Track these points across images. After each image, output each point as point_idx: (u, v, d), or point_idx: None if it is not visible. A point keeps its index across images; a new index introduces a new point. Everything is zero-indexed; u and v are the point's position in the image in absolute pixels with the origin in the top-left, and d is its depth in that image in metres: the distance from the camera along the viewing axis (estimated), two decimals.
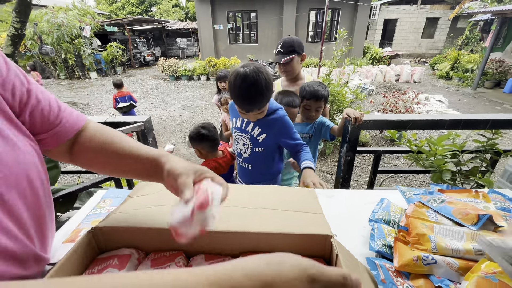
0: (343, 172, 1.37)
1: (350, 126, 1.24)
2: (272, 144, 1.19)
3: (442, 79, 9.98)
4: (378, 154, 1.39)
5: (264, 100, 1.03)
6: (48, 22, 9.76)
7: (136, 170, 0.57)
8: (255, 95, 0.99)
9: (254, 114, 1.07)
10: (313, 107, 1.46)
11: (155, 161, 0.53)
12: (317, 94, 1.41)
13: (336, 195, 0.89)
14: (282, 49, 1.62)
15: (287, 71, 1.69)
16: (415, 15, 16.03)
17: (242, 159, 1.29)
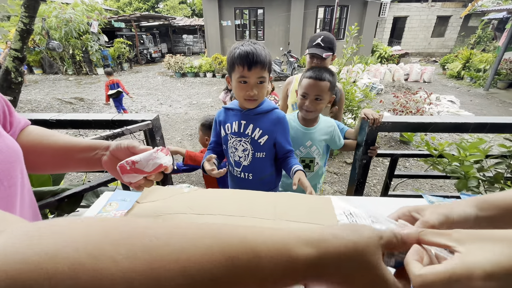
0: (358, 176, 1.31)
1: (367, 127, 1.18)
2: (272, 147, 1.12)
3: (453, 78, 9.74)
4: (395, 157, 1.32)
5: (267, 60, 0.97)
6: (57, 18, 9.81)
7: (74, 160, 0.59)
8: (259, 50, 0.95)
9: (256, 78, 0.97)
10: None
11: (96, 147, 0.59)
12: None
13: (354, 202, 0.83)
14: (322, 43, 1.54)
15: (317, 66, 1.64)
16: (426, 13, 15.67)
17: (241, 168, 1.15)
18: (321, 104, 1.20)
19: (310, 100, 1.19)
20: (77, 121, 1.22)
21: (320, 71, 1.17)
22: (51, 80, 9.79)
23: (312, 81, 1.17)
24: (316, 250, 0.27)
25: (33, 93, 7.50)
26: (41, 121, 1.22)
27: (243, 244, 0.24)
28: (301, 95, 1.23)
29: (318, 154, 1.31)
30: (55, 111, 5.87)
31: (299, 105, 1.25)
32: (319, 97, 1.18)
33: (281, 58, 10.47)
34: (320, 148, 1.31)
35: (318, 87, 1.17)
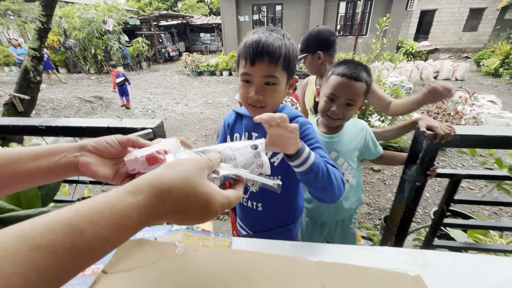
0: (407, 201, 1.03)
1: (426, 141, 0.90)
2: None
3: (489, 76, 8.89)
4: (458, 178, 1.03)
5: (282, 53, 0.67)
6: (80, 18, 10.09)
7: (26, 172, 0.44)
8: (271, 39, 0.67)
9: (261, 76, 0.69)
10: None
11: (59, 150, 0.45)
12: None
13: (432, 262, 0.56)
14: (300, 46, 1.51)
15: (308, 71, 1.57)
16: (457, 5, 14.55)
17: (248, 195, 0.88)
18: (351, 110, 0.94)
19: (339, 105, 0.92)
20: (69, 128, 1.05)
21: (357, 67, 0.90)
22: (74, 79, 10.10)
23: (344, 80, 0.90)
24: (142, 196, 0.29)
25: (56, 92, 7.72)
26: (30, 127, 1.06)
27: (57, 228, 0.24)
28: (327, 97, 0.94)
29: (349, 169, 1.03)
30: (74, 110, 5.97)
31: (323, 110, 0.96)
32: (351, 101, 0.91)
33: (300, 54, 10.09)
34: (350, 160, 1.03)
35: (352, 88, 0.90)
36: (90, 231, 0.25)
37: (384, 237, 1.24)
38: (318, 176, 0.59)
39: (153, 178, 0.31)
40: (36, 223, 0.24)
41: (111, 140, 0.47)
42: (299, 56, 1.41)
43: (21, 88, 3.61)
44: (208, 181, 0.35)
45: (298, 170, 0.59)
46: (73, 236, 0.24)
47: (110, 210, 0.27)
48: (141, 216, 0.28)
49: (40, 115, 5.50)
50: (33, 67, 3.60)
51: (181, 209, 0.31)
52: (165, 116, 5.67)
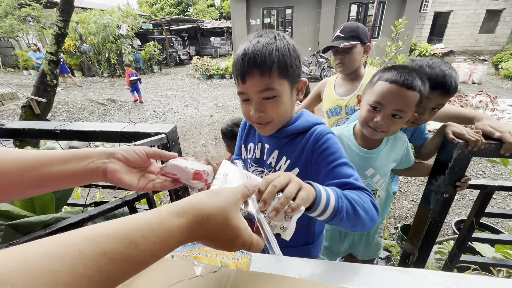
0: (432, 213, 0.97)
1: (456, 150, 0.84)
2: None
3: (508, 79, 8.55)
4: (490, 190, 0.95)
5: (275, 60, 0.58)
6: (95, 23, 10.41)
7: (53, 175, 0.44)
8: (261, 46, 0.58)
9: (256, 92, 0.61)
10: (432, 104, 0.87)
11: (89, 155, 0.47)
12: (450, 82, 0.83)
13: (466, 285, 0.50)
14: (342, 33, 1.28)
15: (343, 63, 1.31)
16: (473, 7, 14.13)
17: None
18: (399, 123, 0.81)
19: (385, 116, 0.79)
20: (83, 132, 1.04)
21: (411, 74, 0.76)
22: (88, 82, 10.38)
23: (395, 88, 0.76)
24: (185, 219, 0.32)
25: (71, 95, 7.94)
26: (45, 131, 1.06)
27: (117, 238, 0.26)
28: (371, 105, 0.82)
29: (383, 184, 0.97)
30: (88, 112, 6.10)
31: (365, 120, 0.85)
32: (400, 113, 0.78)
33: (310, 58, 10.03)
34: (385, 177, 0.96)
35: (402, 97, 0.76)
36: (143, 245, 0.28)
37: (406, 251, 1.17)
38: (343, 219, 0.51)
39: (196, 204, 0.34)
40: (101, 230, 0.27)
41: (140, 151, 0.51)
42: (348, 43, 1.23)
43: (38, 91, 3.71)
44: (240, 215, 0.37)
45: (319, 219, 0.51)
46: (130, 247, 0.27)
47: (159, 227, 0.29)
48: (182, 237, 0.31)
49: (55, 117, 5.65)
50: (50, 70, 3.70)
51: (213, 237, 0.35)
52: (176, 119, 5.72)
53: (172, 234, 0.30)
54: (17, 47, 13.71)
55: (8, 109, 5.69)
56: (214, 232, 0.34)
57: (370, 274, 0.52)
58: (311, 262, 0.55)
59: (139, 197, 1.02)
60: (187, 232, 0.32)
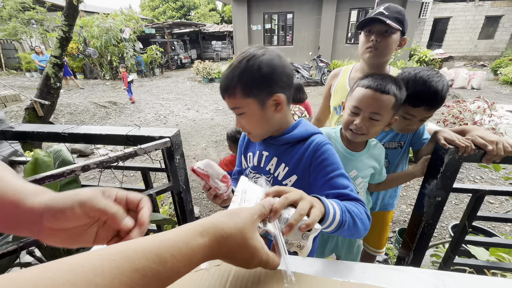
0: (426, 217, 1.00)
1: (447, 156, 0.87)
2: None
3: (507, 85, 8.61)
4: (481, 194, 0.99)
5: (236, 83, 0.65)
6: (98, 27, 10.54)
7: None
8: (230, 70, 0.67)
9: (231, 108, 0.72)
10: (419, 118, 0.94)
11: (15, 204, 0.36)
12: (435, 98, 0.88)
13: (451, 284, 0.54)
14: (386, 11, 1.05)
15: (377, 48, 1.08)
16: (472, 13, 14.29)
17: None
18: (377, 126, 0.86)
19: (363, 118, 0.85)
20: (89, 135, 1.08)
21: (384, 80, 0.83)
22: (90, 84, 10.46)
23: (370, 92, 0.83)
24: (208, 238, 0.34)
25: (73, 97, 8.01)
26: (53, 134, 1.10)
27: (148, 255, 0.28)
28: (351, 110, 0.88)
29: (364, 187, 1.02)
30: (90, 115, 6.16)
31: (346, 123, 0.91)
32: (377, 116, 0.84)
33: (310, 63, 10.12)
34: (366, 179, 1.01)
35: (378, 101, 0.82)
36: (170, 263, 0.29)
37: (401, 253, 1.20)
38: (345, 230, 0.55)
39: (218, 224, 0.35)
40: (135, 247, 0.28)
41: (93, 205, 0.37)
42: (394, 24, 1.02)
43: (42, 93, 3.76)
44: (258, 235, 0.39)
45: (324, 231, 0.54)
46: (159, 264, 0.28)
47: (185, 246, 0.31)
48: (204, 255, 0.33)
49: (58, 120, 5.71)
50: (54, 73, 3.76)
51: (231, 256, 0.37)
52: (177, 122, 5.77)
53: (195, 253, 0.32)
54: (20, 50, 13.86)
55: (11, 111, 5.74)
56: (232, 251, 0.36)
57: (362, 271, 0.55)
58: (303, 260, 0.59)
59: None
60: (208, 251, 0.33)
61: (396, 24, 1.03)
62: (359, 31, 1.16)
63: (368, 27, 1.10)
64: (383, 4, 1.11)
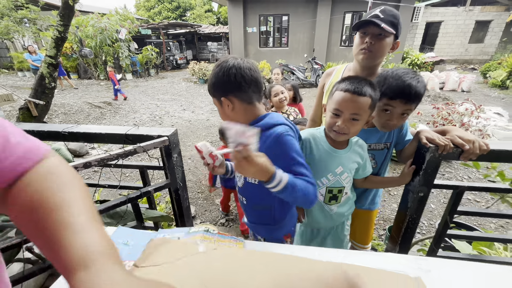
0: (410, 211, 1.06)
1: (429, 154, 0.94)
2: None
3: (496, 88, 8.85)
4: (460, 190, 1.06)
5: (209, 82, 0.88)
6: (93, 27, 10.46)
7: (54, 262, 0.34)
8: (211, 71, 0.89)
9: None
10: (397, 111, 1.00)
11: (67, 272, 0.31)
12: (409, 92, 0.95)
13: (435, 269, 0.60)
14: (382, 14, 1.08)
15: (371, 50, 1.11)
16: (463, 18, 14.64)
17: (238, 189, 1.04)
18: (357, 125, 0.94)
19: (344, 120, 0.93)
20: (89, 134, 1.11)
21: (361, 82, 0.91)
22: (84, 84, 10.37)
23: (348, 96, 0.90)
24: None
25: (67, 97, 7.94)
26: (54, 133, 1.13)
27: None
28: (332, 112, 0.95)
29: (349, 182, 1.09)
30: (84, 115, 6.12)
31: (329, 125, 0.98)
32: (357, 116, 0.92)
33: (305, 65, 10.23)
34: (351, 174, 1.08)
35: (356, 103, 0.90)
36: None
37: (388, 247, 1.26)
38: (288, 195, 0.73)
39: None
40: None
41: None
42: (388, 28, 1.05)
43: (36, 93, 3.75)
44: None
45: (271, 191, 0.72)
46: None
47: None
48: None
49: (52, 120, 5.66)
50: (49, 73, 3.75)
51: None
52: (172, 123, 5.78)
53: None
54: (12, 49, 13.64)
55: (4, 110, 5.67)
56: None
57: (345, 256, 0.60)
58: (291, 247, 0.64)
59: (141, 195, 1.09)
60: None
61: (391, 28, 1.07)
62: (354, 32, 1.20)
63: (363, 29, 1.13)
64: (379, 6, 1.14)
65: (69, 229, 0.34)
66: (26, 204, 0.36)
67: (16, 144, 0.38)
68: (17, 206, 0.37)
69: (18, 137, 0.39)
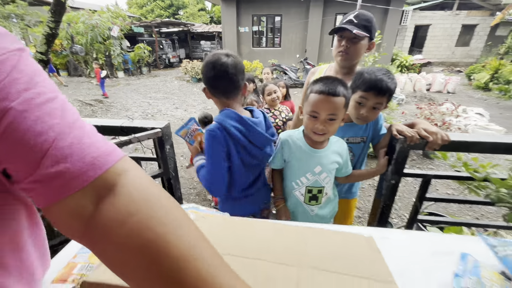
0: (384, 198, 1.17)
1: (398, 145, 1.05)
2: None
3: (479, 90, 9.21)
4: (428, 179, 1.17)
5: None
6: (84, 23, 10.32)
7: None
8: None
9: None
10: (369, 103, 1.07)
11: None
12: (380, 85, 1.03)
13: (390, 236, 0.70)
14: (355, 19, 1.18)
15: (347, 53, 1.22)
16: (450, 21, 15.11)
17: None
18: (335, 124, 0.98)
19: (322, 121, 0.96)
20: None
21: (333, 83, 0.94)
22: (75, 82, 10.23)
23: (323, 97, 0.93)
24: None
25: None
26: None
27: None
28: (310, 115, 0.99)
29: (329, 182, 1.11)
30: None
31: (307, 127, 1.03)
32: (333, 116, 0.95)
33: (298, 65, 10.37)
34: (331, 174, 1.10)
35: (331, 104, 0.93)
36: None
37: None
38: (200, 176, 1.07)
39: None
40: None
41: None
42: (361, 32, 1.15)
43: None
44: None
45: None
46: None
47: None
48: None
49: None
50: None
51: None
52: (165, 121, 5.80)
53: None
54: None
55: None
56: None
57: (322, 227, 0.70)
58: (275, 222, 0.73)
59: None
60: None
61: (364, 32, 1.17)
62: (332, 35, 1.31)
63: (339, 33, 1.25)
64: (354, 11, 1.24)
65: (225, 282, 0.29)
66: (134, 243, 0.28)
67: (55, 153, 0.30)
68: (108, 241, 0.30)
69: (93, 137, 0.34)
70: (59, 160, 0.29)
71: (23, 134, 0.28)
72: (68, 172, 0.29)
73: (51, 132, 0.29)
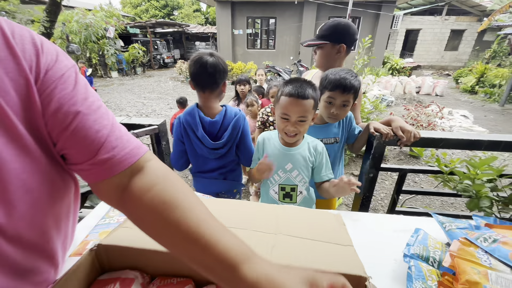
0: (364, 190, 1.28)
1: (375, 141, 1.15)
2: None
3: (466, 93, 9.54)
4: (403, 172, 1.28)
5: None
6: (78, 23, 10.25)
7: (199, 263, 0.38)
8: None
9: None
10: (338, 102, 1.13)
11: (231, 267, 0.36)
12: (344, 84, 1.09)
13: (361, 218, 0.80)
14: (318, 31, 1.36)
15: (315, 60, 1.44)
16: (439, 26, 15.55)
17: None
18: (305, 125, 1.01)
19: (293, 123, 0.99)
20: None
21: (302, 86, 0.97)
22: None
23: (293, 100, 0.96)
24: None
25: None
26: None
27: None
28: (281, 117, 1.01)
29: (302, 181, 1.10)
30: None
31: (279, 128, 1.06)
32: (303, 118, 0.99)
33: (291, 67, 10.53)
34: (303, 173, 1.09)
35: (301, 106, 0.96)
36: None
37: None
38: None
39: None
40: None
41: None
42: (311, 42, 1.37)
43: None
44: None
45: None
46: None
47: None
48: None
49: None
50: None
51: None
52: None
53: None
54: None
55: None
56: None
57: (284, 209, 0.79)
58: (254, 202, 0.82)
59: None
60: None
61: (320, 40, 1.35)
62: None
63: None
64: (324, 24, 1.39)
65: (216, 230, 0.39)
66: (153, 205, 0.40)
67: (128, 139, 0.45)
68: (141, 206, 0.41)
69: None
70: (109, 151, 0.41)
71: (87, 131, 0.39)
72: (115, 158, 0.41)
73: (105, 130, 0.41)
